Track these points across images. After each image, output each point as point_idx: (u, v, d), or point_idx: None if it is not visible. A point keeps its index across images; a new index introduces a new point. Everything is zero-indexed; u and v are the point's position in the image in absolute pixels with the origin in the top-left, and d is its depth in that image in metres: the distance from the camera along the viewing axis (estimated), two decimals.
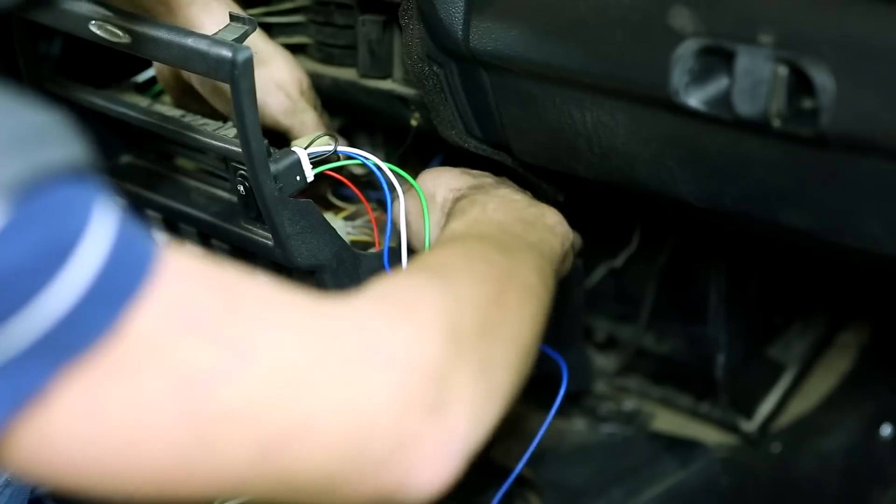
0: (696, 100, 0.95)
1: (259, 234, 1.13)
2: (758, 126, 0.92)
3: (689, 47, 0.93)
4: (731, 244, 1.52)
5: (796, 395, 1.62)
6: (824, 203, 0.97)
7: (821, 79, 0.87)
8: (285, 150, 1.09)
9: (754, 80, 0.90)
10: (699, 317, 1.57)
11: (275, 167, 1.07)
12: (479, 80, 1.14)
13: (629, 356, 1.64)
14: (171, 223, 1.28)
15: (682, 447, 1.56)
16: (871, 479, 1.53)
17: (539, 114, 1.11)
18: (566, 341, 1.38)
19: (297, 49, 1.36)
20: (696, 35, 0.93)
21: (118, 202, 0.70)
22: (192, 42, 1.05)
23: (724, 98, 0.93)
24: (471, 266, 0.92)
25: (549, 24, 1.04)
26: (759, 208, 1.02)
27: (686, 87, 0.95)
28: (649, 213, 1.53)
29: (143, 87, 1.31)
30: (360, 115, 1.42)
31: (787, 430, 1.59)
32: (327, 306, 0.79)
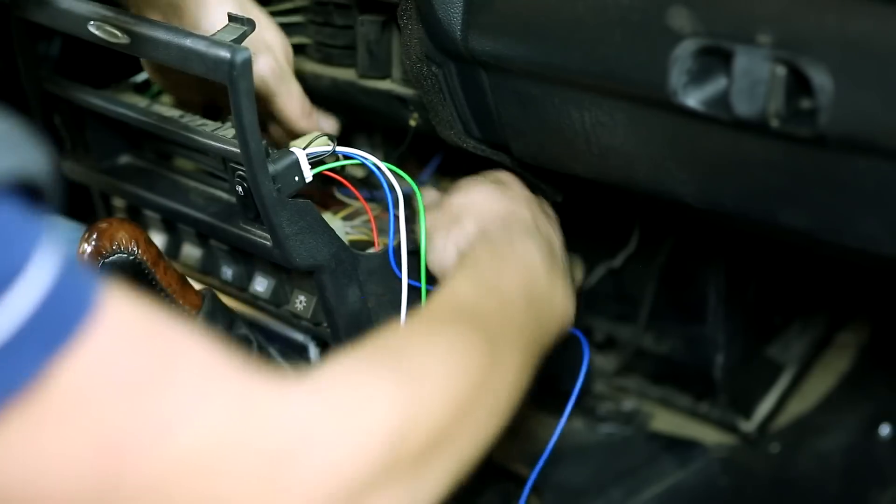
0: (694, 100, 0.95)
1: (257, 235, 1.13)
2: (756, 126, 0.92)
3: (687, 47, 0.93)
4: (730, 244, 1.52)
5: (795, 395, 1.62)
6: (823, 203, 0.97)
7: (819, 79, 0.87)
8: (284, 150, 1.09)
9: (752, 81, 0.90)
10: (698, 317, 1.57)
11: (273, 167, 1.07)
12: (478, 80, 1.14)
13: (628, 356, 1.64)
14: (170, 223, 1.29)
15: (681, 447, 1.56)
16: (869, 479, 1.53)
17: (538, 114, 1.11)
18: (564, 344, 1.38)
19: (297, 49, 1.35)
20: (695, 35, 0.93)
21: (62, 242, 0.66)
22: (191, 43, 1.05)
23: (723, 98, 0.93)
24: (447, 363, 0.86)
25: (547, 24, 1.04)
26: (758, 208, 1.02)
27: (684, 87, 0.95)
28: (648, 214, 1.53)
29: (142, 88, 1.31)
30: (359, 115, 1.41)
31: (786, 430, 1.59)
32: (266, 387, 0.74)
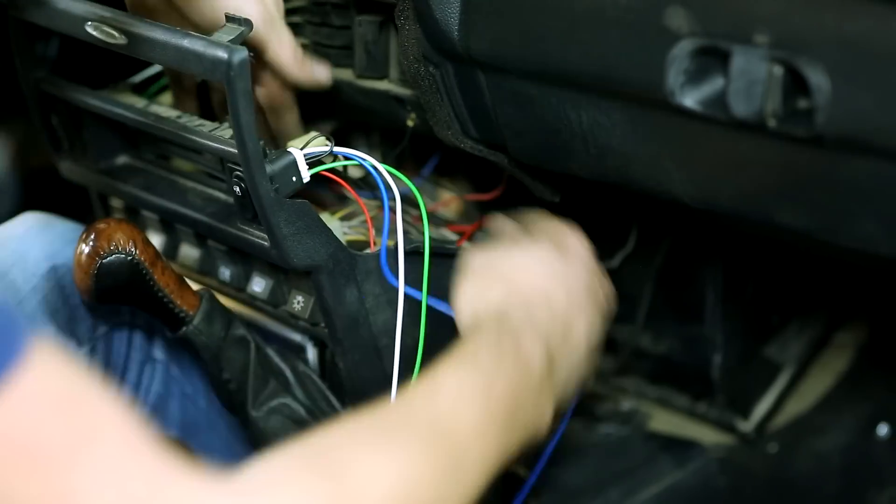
0: (691, 100, 0.95)
1: (255, 235, 1.13)
2: (753, 126, 0.92)
3: (684, 48, 0.93)
4: (728, 244, 1.52)
5: (793, 395, 1.62)
6: (820, 203, 0.97)
7: (816, 79, 0.87)
8: (281, 150, 1.09)
9: (750, 81, 0.90)
10: (696, 317, 1.57)
11: (271, 168, 1.07)
12: (475, 80, 1.14)
13: (626, 356, 1.64)
14: (168, 224, 1.29)
15: (678, 447, 1.56)
16: (867, 478, 1.53)
17: (535, 114, 1.11)
18: None
19: None
20: (692, 35, 0.93)
21: None
22: (188, 43, 1.05)
23: (720, 98, 0.93)
24: (388, 476, 0.81)
25: (544, 24, 1.04)
26: (755, 209, 1.02)
27: (682, 87, 0.95)
28: (646, 214, 1.53)
29: (140, 88, 1.31)
30: (357, 115, 1.41)
31: (784, 429, 1.59)
32: (183, 478, 0.71)
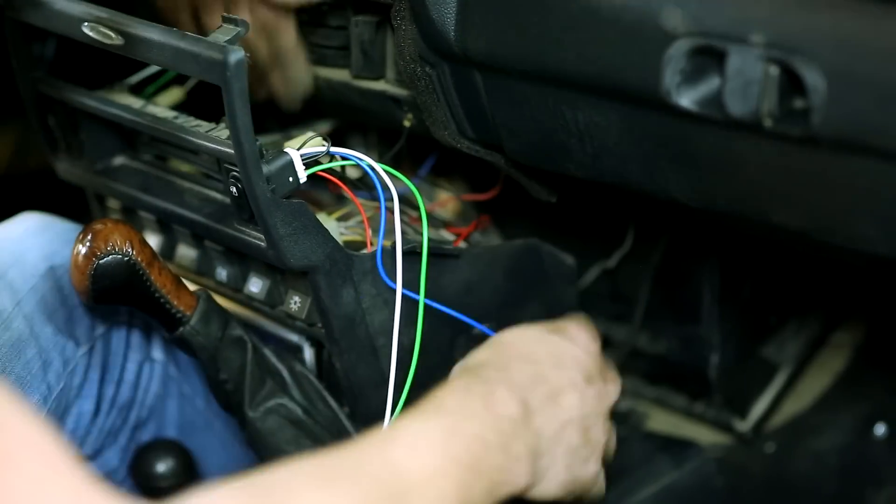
0: (687, 100, 0.95)
1: (252, 236, 1.13)
2: (749, 126, 0.92)
3: (680, 48, 0.93)
4: (725, 244, 1.52)
5: (790, 395, 1.62)
6: (816, 203, 0.97)
7: (812, 79, 0.87)
8: (278, 150, 1.09)
9: (746, 80, 0.90)
10: (693, 317, 1.57)
11: (267, 168, 1.07)
12: (472, 80, 1.14)
13: (623, 356, 1.64)
14: (165, 224, 1.29)
15: (676, 447, 1.56)
16: (865, 478, 1.53)
17: (531, 114, 1.11)
18: None
19: None
20: (688, 35, 0.93)
21: None
22: (185, 44, 1.05)
23: (716, 98, 0.93)
24: None
25: (541, 24, 1.04)
26: (751, 208, 1.02)
27: (678, 87, 0.95)
28: (642, 213, 1.53)
29: (137, 89, 1.31)
30: (354, 115, 1.42)
31: (782, 429, 1.59)
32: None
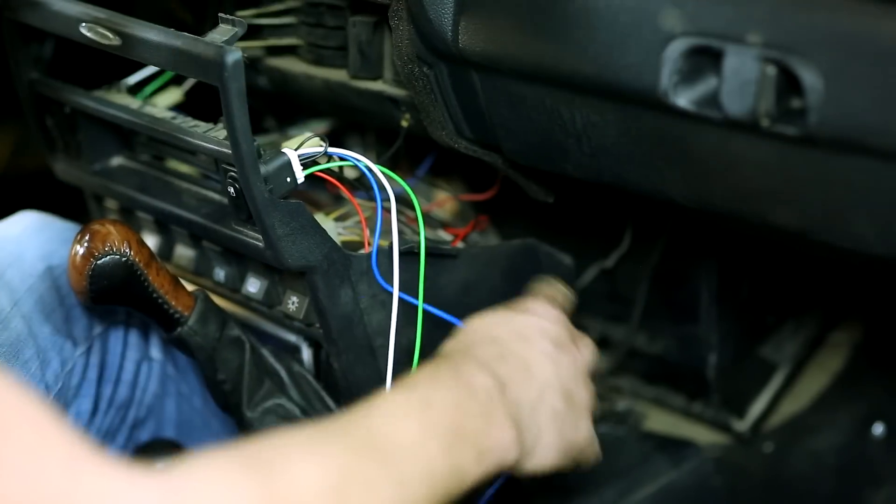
0: (685, 100, 0.95)
1: (250, 236, 1.13)
2: (746, 126, 0.92)
3: (677, 47, 0.93)
4: (723, 244, 1.52)
5: (788, 395, 1.63)
6: (813, 202, 0.97)
7: (809, 78, 0.87)
8: (275, 151, 1.09)
9: (743, 80, 0.90)
10: (691, 317, 1.57)
11: (265, 168, 1.07)
12: (469, 80, 1.14)
13: (621, 356, 1.64)
14: (163, 225, 1.29)
15: (674, 447, 1.56)
16: (863, 478, 1.53)
17: (529, 114, 1.11)
18: None
19: (288, 50, 1.36)
20: (685, 35, 0.93)
21: None
22: (182, 44, 1.05)
23: (713, 98, 0.93)
24: (321, 483, 0.80)
25: (538, 25, 1.04)
26: (749, 208, 1.02)
27: (675, 87, 0.95)
28: (640, 213, 1.53)
29: (135, 89, 1.31)
30: (351, 116, 1.42)
31: (780, 429, 1.59)
32: (108, 471, 0.69)
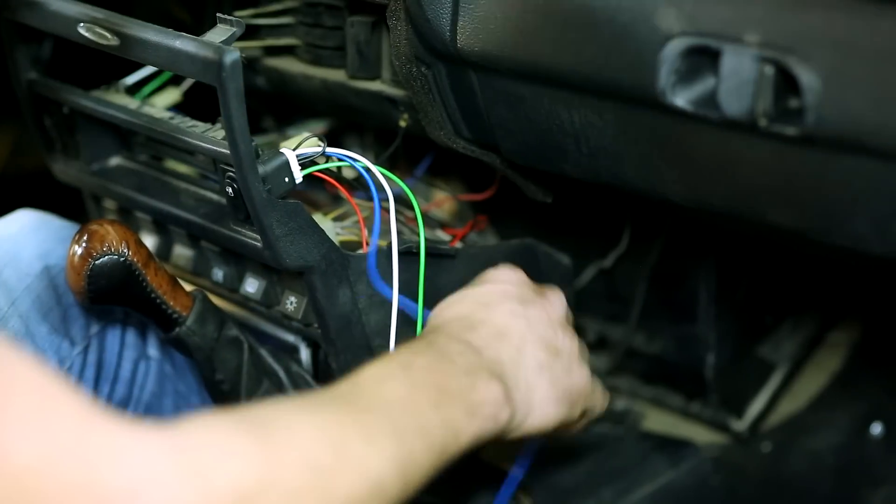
0: (682, 100, 0.95)
1: (248, 236, 1.13)
2: (744, 126, 0.92)
3: (675, 47, 0.93)
4: (721, 244, 1.52)
5: (787, 395, 1.63)
6: (811, 202, 0.98)
7: (807, 78, 0.87)
8: (273, 151, 1.09)
9: (740, 80, 0.90)
10: (689, 316, 1.57)
11: (263, 168, 1.07)
12: (467, 80, 1.14)
13: (619, 356, 1.64)
14: (161, 225, 1.29)
15: (672, 447, 1.56)
16: (861, 477, 1.53)
17: (527, 114, 1.11)
18: None
19: (286, 50, 1.36)
20: (683, 35, 0.93)
21: None
22: (180, 44, 1.05)
23: (711, 98, 0.93)
24: (319, 441, 0.81)
25: (536, 24, 1.04)
26: (747, 208, 1.02)
27: (673, 87, 0.95)
28: (638, 213, 1.53)
29: (133, 89, 1.31)
30: (350, 116, 1.42)
31: (778, 429, 1.59)
32: (111, 426, 0.70)
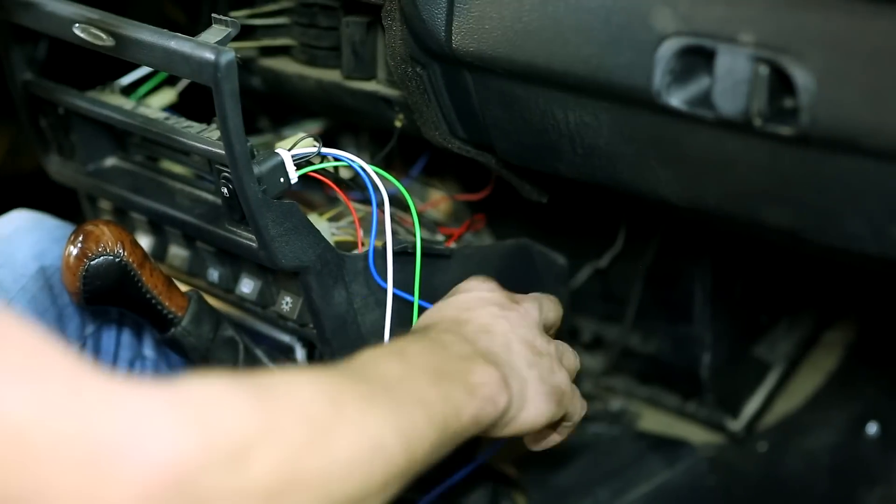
0: (677, 100, 0.95)
1: (243, 237, 1.13)
2: (739, 125, 0.92)
3: (670, 47, 0.94)
4: (717, 243, 1.52)
5: (782, 394, 1.63)
6: (806, 202, 0.98)
7: (801, 78, 0.87)
8: (269, 151, 1.09)
9: (735, 80, 0.90)
10: (685, 316, 1.57)
11: (258, 169, 1.07)
12: (462, 81, 1.14)
13: (615, 356, 1.64)
14: (157, 225, 1.28)
15: (668, 447, 1.56)
16: (857, 477, 1.53)
17: (522, 114, 1.11)
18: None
19: (282, 51, 1.36)
20: (678, 35, 0.93)
21: None
22: (175, 44, 1.05)
23: (706, 98, 0.93)
24: (316, 402, 0.82)
25: (531, 25, 1.04)
26: (742, 207, 1.02)
27: (668, 87, 0.95)
28: (634, 213, 1.53)
29: (129, 90, 1.30)
30: (345, 116, 1.42)
31: (774, 429, 1.59)
32: (104, 379, 0.70)
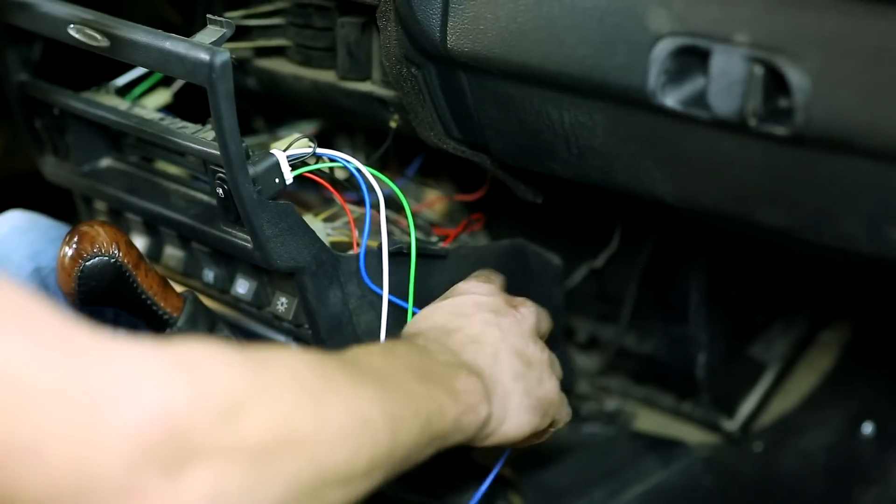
0: (672, 100, 0.95)
1: (238, 237, 1.13)
2: (734, 126, 0.92)
3: (665, 47, 0.94)
4: (712, 243, 1.52)
5: (778, 394, 1.63)
6: (801, 202, 0.98)
7: (796, 78, 0.87)
8: (264, 152, 1.09)
9: (730, 80, 0.90)
10: (680, 316, 1.57)
11: (253, 169, 1.07)
12: (457, 81, 1.14)
13: (611, 356, 1.64)
14: (152, 226, 1.28)
15: (664, 447, 1.56)
16: (853, 477, 1.54)
17: (517, 115, 1.11)
18: (548, 342, 1.38)
19: (277, 51, 1.36)
20: (673, 35, 0.93)
21: None
22: (170, 45, 1.05)
23: (701, 98, 0.93)
24: (305, 375, 0.83)
25: (525, 25, 1.04)
26: (737, 207, 1.02)
27: (663, 87, 0.95)
28: (629, 213, 1.53)
29: (124, 91, 1.30)
30: (340, 117, 1.42)
31: (769, 429, 1.59)
32: (94, 334, 0.71)
